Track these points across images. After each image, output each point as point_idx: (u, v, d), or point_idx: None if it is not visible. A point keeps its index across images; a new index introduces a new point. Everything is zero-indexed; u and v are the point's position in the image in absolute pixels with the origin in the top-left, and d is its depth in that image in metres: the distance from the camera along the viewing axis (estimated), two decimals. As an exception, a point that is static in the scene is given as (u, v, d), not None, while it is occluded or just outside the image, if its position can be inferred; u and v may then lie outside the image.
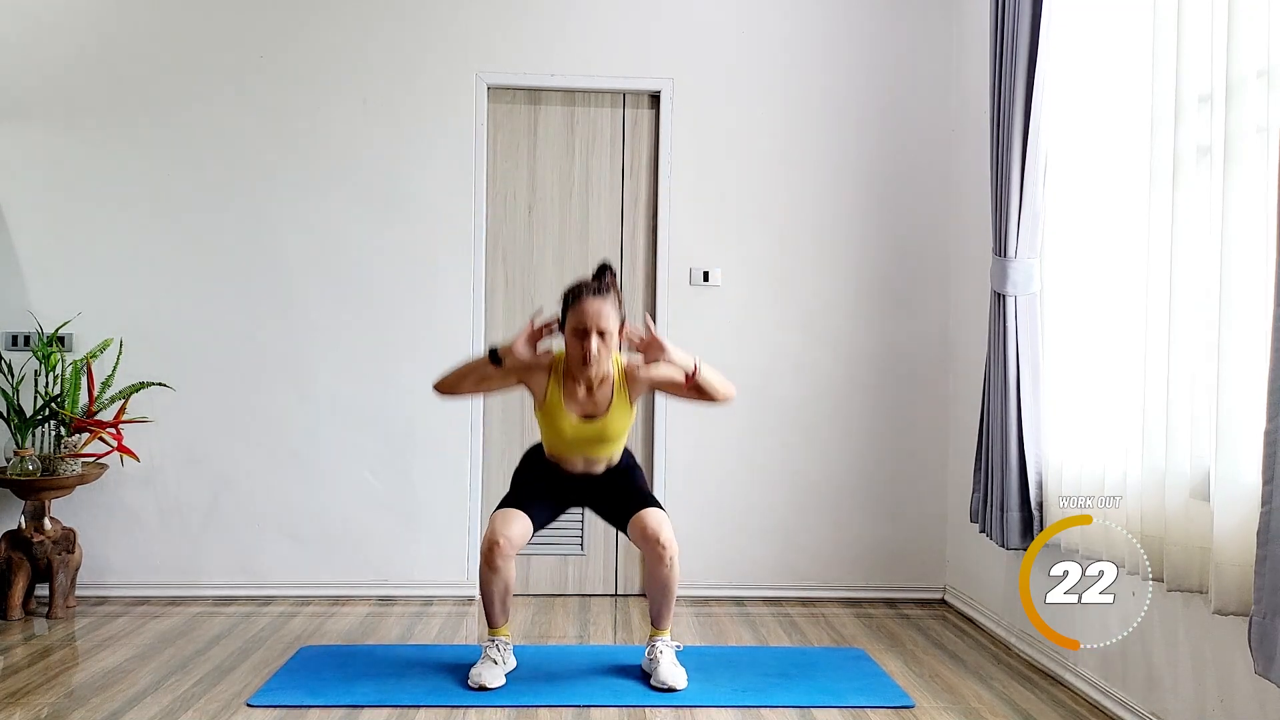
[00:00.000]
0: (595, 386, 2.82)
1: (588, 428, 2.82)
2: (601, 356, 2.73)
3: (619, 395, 2.83)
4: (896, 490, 3.91)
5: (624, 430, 2.88)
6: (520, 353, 2.77)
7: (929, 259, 3.92)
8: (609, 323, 2.71)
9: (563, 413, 2.81)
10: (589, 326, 2.70)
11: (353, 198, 3.79)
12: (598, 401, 2.82)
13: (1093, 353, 2.76)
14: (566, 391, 2.82)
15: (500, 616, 2.86)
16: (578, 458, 2.89)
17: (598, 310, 2.70)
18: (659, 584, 2.84)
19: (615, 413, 2.83)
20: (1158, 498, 2.36)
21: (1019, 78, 2.95)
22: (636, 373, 2.83)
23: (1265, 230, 2.02)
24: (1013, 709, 2.69)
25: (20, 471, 3.41)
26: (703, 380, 2.81)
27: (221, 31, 3.77)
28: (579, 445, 2.85)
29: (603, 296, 2.72)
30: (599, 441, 2.85)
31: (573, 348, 2.75)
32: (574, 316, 2.73)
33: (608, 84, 3.85)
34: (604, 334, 2.71)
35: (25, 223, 3.72)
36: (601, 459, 2.91)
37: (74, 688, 2.74)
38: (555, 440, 2.87)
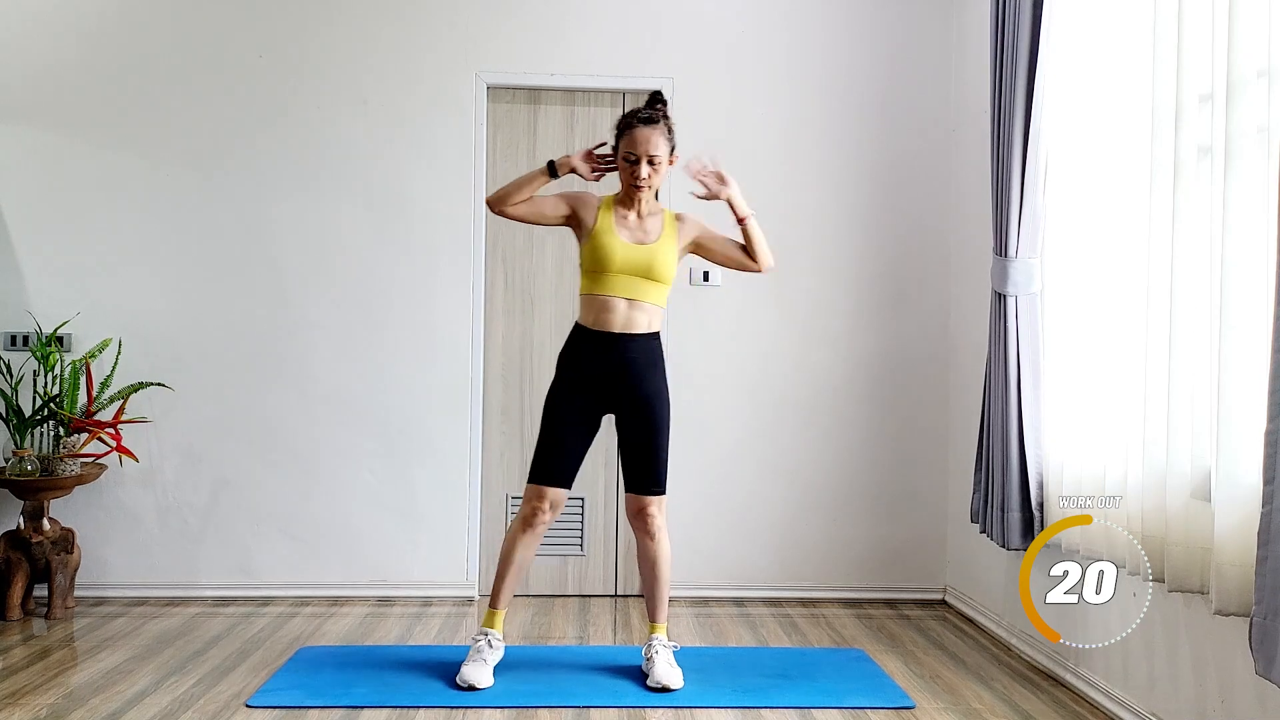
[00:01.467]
0: (645, 214, 2.88)
1: (637, 251, 2.83)
2: (653, 181, 2.81)
3: (668, 231, 2.89)
4: (896, 490, 3.91)
5: (669, 269, 2.86)
6: (577, 164, 2.86)
7: (929, 259, 3.92)
8: (659, 149, 2.80)
9: (613, 234, 2.83)
10: (639, 153, 2.79)
11: (352, 198, 3.78)
12: (647, 230, 2.87)
13: (1093, 353, 2.75)
14: (617, 218, 2.87)
15: (506, 595, 2.88)
16: (622, 300, 2.83)
17: (647, 137, 2.78)
18: (649, 562, 2.89)
19: (664, 245, 2.86)
20: (1158, 498, 2.36)
21: (1019, 78, 2.95)
22: (685, 220, 2.92)
23: (1266, 230, 2.01)
24: (1013, 709, 2.68)
25: (19, 472, 3.41)
26: (752, 230, 2.91)
27: (221, 32, 3.77)
28: (626, 273, 2.82)
29: (653, 125, 2.80)
30: (646, 272, 2.83)
31: (624, 173, 2.83)
32: (626, 143, 2.81)
33: (608, 83, 3.85)
34: (654, 159, 2.80)
35: (25, 223, 3.71)
36: (644, 306, 2.85)
37: (73, 688, 2.74)
38: (603, 271, 2.82)
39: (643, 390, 2.86)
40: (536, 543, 2.88)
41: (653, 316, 2.88)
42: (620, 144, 2.84)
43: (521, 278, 3.88)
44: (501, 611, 2.89)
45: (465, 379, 3.81)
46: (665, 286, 2.88)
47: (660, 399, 2.89)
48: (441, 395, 3.78)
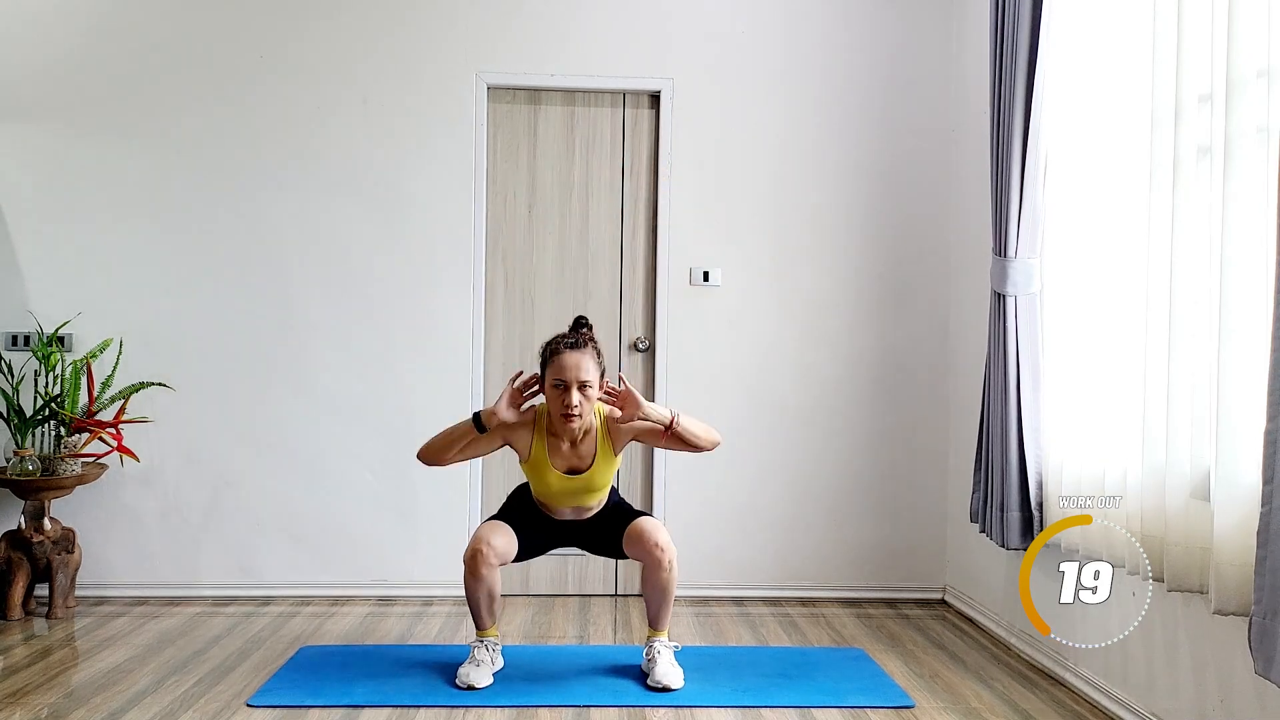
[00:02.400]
0: (579, 440, 2.83)
1: (573, 482, 2.84)
2: (583, 410, 2.73)
3: (603, 447, 2.84)
4: (896, 490, 3.91)
5: (609, 481, 2.91)
6: (504, 416, 2.77)
7: (929, 259, 3.92)
8: (588, 375, 2.72)
9: (548, 468, 2.83)
10: (569, 380, 2.71)
11: (353, 197, 3.79)
12: (582, 455, 2.84)
13: (1093, 353, 2.75)
14: (551, 447, 2.83)
15: (487, 620, 2.88)
16: (566, 508, 2.92)
17: (576, 363, 2.71)
18: (658, 588, 2.85)
19: (600, 465, 2.84)
20: (1158, 498, 2.36)
21: (1019, 77, 2.95)
22: (619, 425, 2.84)
23: (1265, 230, 2.02)
24: (1013, 709, 2.68)
25: (20, 471, 3.41)
26: (683, 431, 2.82)
27: (221, 32, 3.77)
28: (566, 498, 2.88)
29: (581, 349, 2.74)
30: (585, 493, 2.88)
31: (553, 402, 2.75)
32: (553, 370, 2.74)
33: (608, 84, 3.85)
34: (584, 386, 2.72)
35: (25, 223, 3.72)
36: (590, 507, 2.93)
37: (74, 688, 2.74)
38: (543, 492, 2.90)
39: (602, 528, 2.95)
40: (489, 580, 2.81)
41: (601, 501, 2.94)
42: (547, 372, 2.76)
43: (521, 278, 3.88)
44: (491, 628, 2.91)
45: (465, 379, 3.81)
46: (607, 489, 2.92)
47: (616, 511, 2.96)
48: (442, 395, 3.78)
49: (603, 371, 2.80)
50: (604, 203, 3.89)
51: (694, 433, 2.83)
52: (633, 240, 3.90)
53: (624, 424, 2.82)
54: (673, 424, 2.80)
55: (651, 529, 2.83)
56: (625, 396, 2.79)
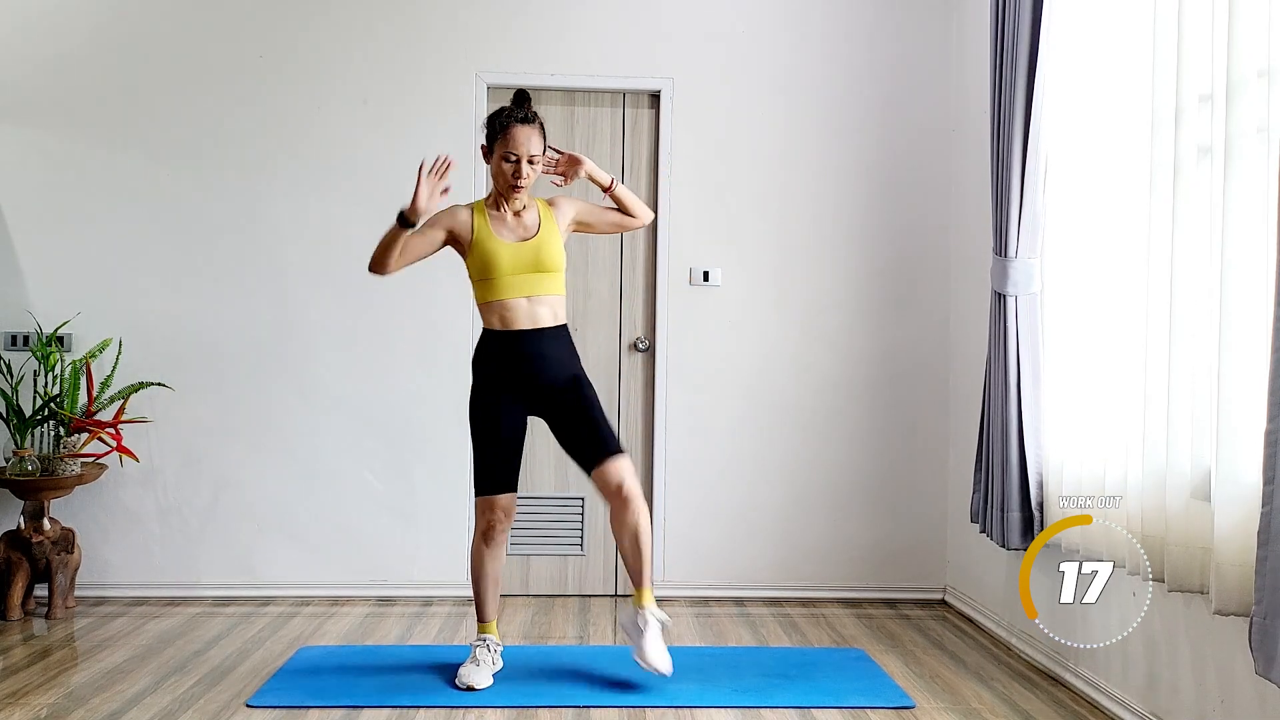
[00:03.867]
0: (522, 209, 2.87)
1: (522, 249, 2.81)
2: (531, 178, 2.80)
3: (546, 219, 2.87)
4: (896, 490, 3.91)
5: (559, 258, 2.85)
6: (423, 205, 2.74)
7: (929, 259, 3.92)
8: (537, 148, 2.80)
9: (494, 239, 2.81)
10: (520, 153, 2.77)
11: (353, 197, 3.78)
12: (527, 225, 2.86)
13: (1093, 353, 2.75)
14: (494, 222, 2.85)
15: (492, 608, 2.88)
16: (520, 300, 2.81)
17: (528, 136, 2.78)
18: (629, 529, 2.79)
19: (546, 234, 2.84)
20: (1158, 498, 2.36)
21: (1019, 78, 2.95)
22: (558, 201, 2.93)
23: (1265, 230, 2.02)
24: (1013, 709, 2.68)
25: (19, 472, 3.41)
26: (621, 194, 2.95)
27: (221, 31, 3.77)
28: (519, 275, 2.80)
29: (530, 124, 2.80)
30: (536, 267, 2.81)
31: (502, 175, 2.81)
32: (503, 143, 2.79)
33: (608, 84, 3.85)
34: (534, 159, 2.80)
35: (25, 223, 3.72)
36: (545, 299, 2.83)
37: (73, 688, 2.74)
38: (494, 277, 2.80)
39: (564, 378, 2.85)
40: (501, 551, 2.88)
41: (556, 308, 2.87)
42: (495, 145, 2.80)
43: (522, 278, 3.87)
44: (492, 621, 2.90)
45: (465, 379, 3.79)
46: (559, 275, 2.88)
47: (583, 380, 2.90)
48: (442, 395, 3.78)
49: (545, 148, 2.86)
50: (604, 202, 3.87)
51: (631, 199, 2.97)
52: (633, 240, 3.89)
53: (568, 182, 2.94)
54: (612, 185, 2.94)
55: (617, 471, 2.78)
56: (568, 159, 2.92)
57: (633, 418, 3.88)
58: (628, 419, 3.88)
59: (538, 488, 3.86)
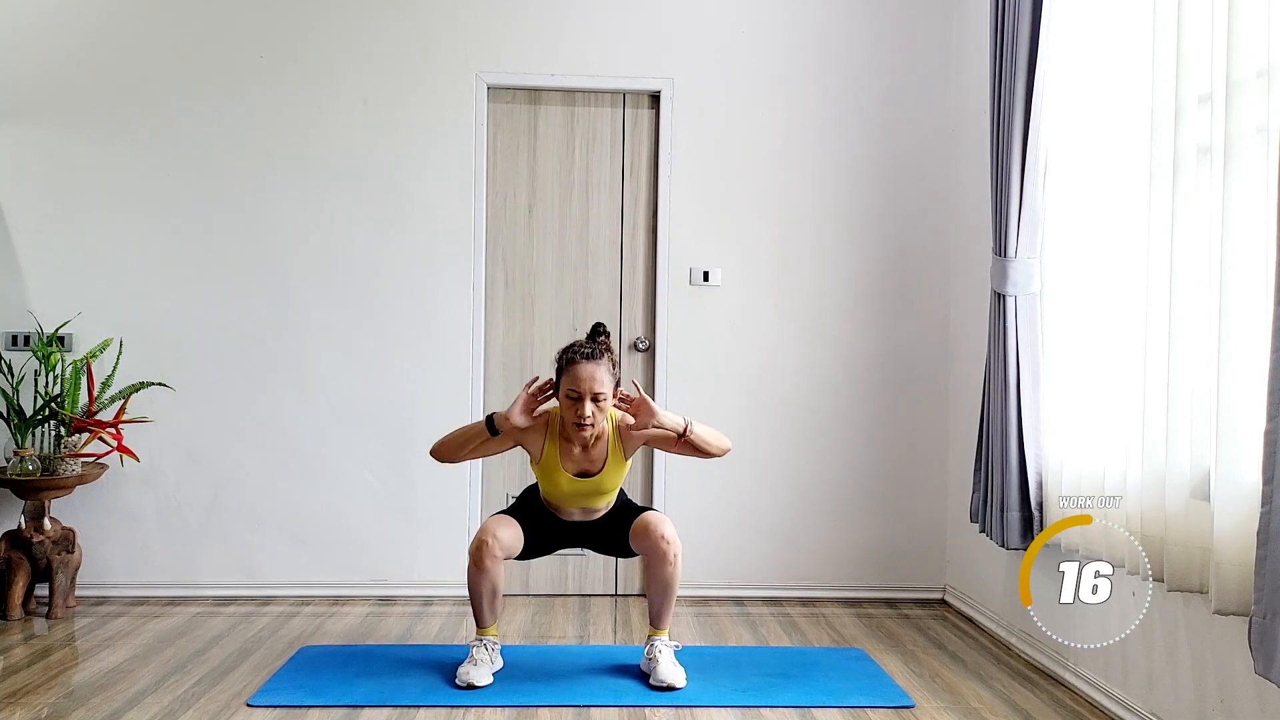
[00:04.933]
0: (591, 444, 2.85)
1: (584, 484, 2.85)
2: (596, 420, 2.76)
3: (614, 452, 2.86)
4: (896, 490, 3.91)
5: (619, 484, 2.93)
6: (518, 421, 2.80)
7: (929, 259, 3.92)
8: (603, 386, 2.74)
9: (559, 470, 2.84)
10: (583, 391, 2.72)
11: (353, 197, 3.79)
12: (593, 459, 2.86)
13: (1093, 353, 2.75)
14: (563, 451, 2.85)
15: (489, 617, 2.88)
16: (575, 509, 2.94)
17: (591, 374, 2.73)
18: (661, 583, 2.85)
19: (610, 469, 2.86)
20: (1158, 498, 2.36)
21: (1019, 78, 2.95)
22: (630, 430, 2.85)
23: (1265, 230, 2.02)
24: (1013, 709, 2.68)
25: (20, 471, 3.41)
26: (696, 439, 2.85)
27: (222, 32, 3.77)
28: (575, 499, 2.90)
29: (596, 360, 2.75)
30: (595, 495, 2.89)
31: (567, 411, 2.77)
32: (568, 380, 2.76)
33: (608, 84, 3.85)
34: (598, 397, 2.74)
35: (25, 223, 3.72)
36: (598, 509, 2.95)
37: (74, 688, 2.74)
38: (552, 493, 2.91)
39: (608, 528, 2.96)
40: (494, 572, 2.81)
41: (610, 503, 2.95)
42: (561, 381, 2.78)
43: (521, 278, 3.88)
44: (491, 626, 2.91)
45: (465, 378, 3.81)
46: (618, 490, 2.94)
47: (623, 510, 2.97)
48: (442, 395, 3.79)
49: (617, 381, 2.83)
50: (604, 203, 3.89)
51: (706, 440, 2.86)
52: (633, 240, 3.90)
53: (637, 431, 2.84)
54: (686, 432, 2.82)
55: (657, 522, 2.85)
56: (639, 404, 2.82)
57: (633, 418, 3.88)
58: (628, 419, 3.88)
59: (538, 488, 3.86)
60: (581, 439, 2.81)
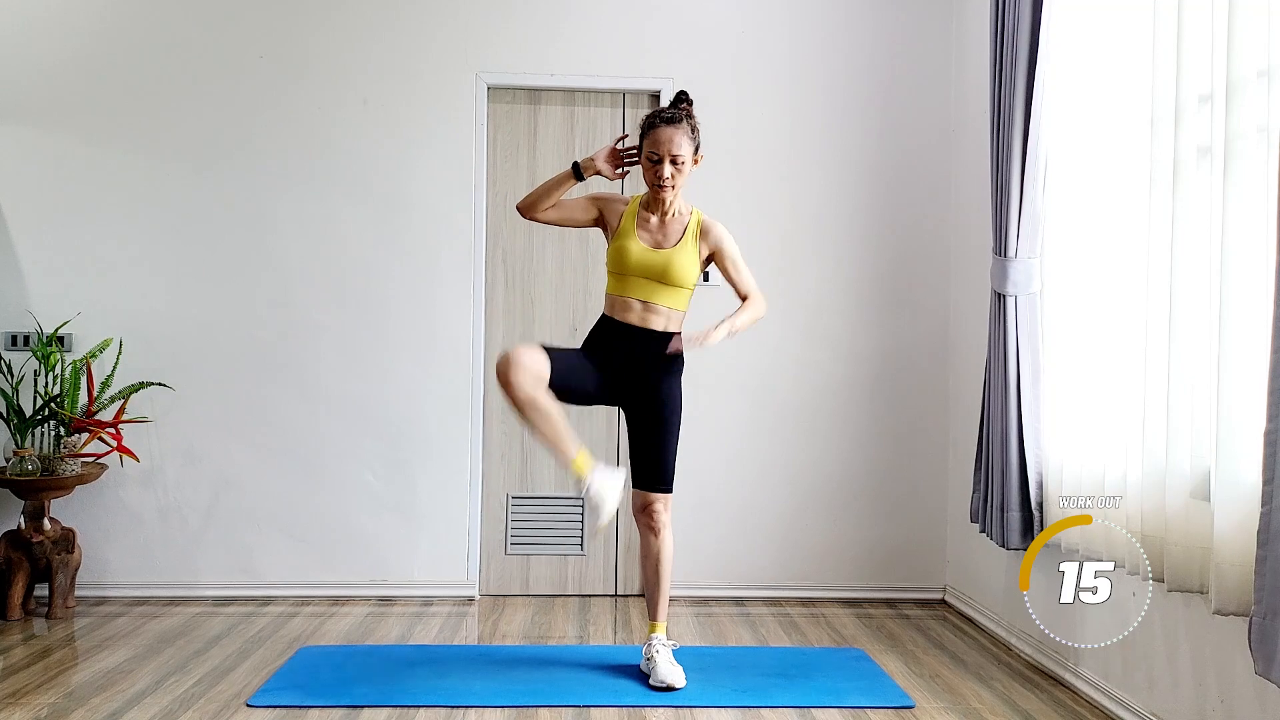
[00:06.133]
0: (669, 216, 2.87)
1: (654, 256, 2.82)
2: (675, 181, 2.79)
3: (689, 237, 2.86)
4: (896, 490, 3.91)
5: (686, 275, 2.83)
6: (600, 167, 2.87)
7: (929, 259, 3.92)
8: (682, 149, 2.78)
9: (633, 236, 2.84)
10: (662, 152, 2.77)
11: (353, 198, 3.79)
12: (668, 233, 2.86)
13: (1093, 353, 2.75)
14: (640, 220, 2.87)
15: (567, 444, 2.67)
16: (637, 301, 2.83)
17: (670, 136, 2.76)
18: (651, 560, 2.89)
19: (682, 251, 2.84)
20: (1158, 498, 2.36)
21: (1019, 78, 2.95)
22: (710, 231, 2.88)
23: (1265, 230, 2.02)
24: (1013, 709, 2.68)
25: (20, 471, 3.41)
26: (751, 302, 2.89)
27: (222, 32, 3.77)
28: (641, 278, 2.81)
29: (676, 125, 2.78)
30: (662, 276, 2.81)
31: (647, 173, 2.82)
32: (649, 142, 2.80)
33: (607, 84, 3.85)
34: (676, 159, 2.77)
35: (25, 223, 3.72)
36: (660, 308, 2.83)
37: (74, 688, 2.74)
38: (620, 272, 2.84)
39: (656, 390, 2.86)
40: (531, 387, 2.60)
41: (669, 319, 2.87)
42: (643, 143, 2.82)
43: (521, 278, 3.88)
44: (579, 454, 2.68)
45: (466, 379, 3.81)
46: (684, 291, 2.88)
47: (672, 401, 2.89)
48: (442, 395, 3.79)
49: (697, 147, 2.84)
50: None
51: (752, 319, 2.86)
52: (633, 240, 3.89)
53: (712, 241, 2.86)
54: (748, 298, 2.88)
55: (654, 497, 2.87)
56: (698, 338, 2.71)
57: (633, 418, 3.88)
58: (628, 419, 3.88)
59: (538, 487, 3.86)
60: (661, 202, 2.83)
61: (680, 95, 2.89)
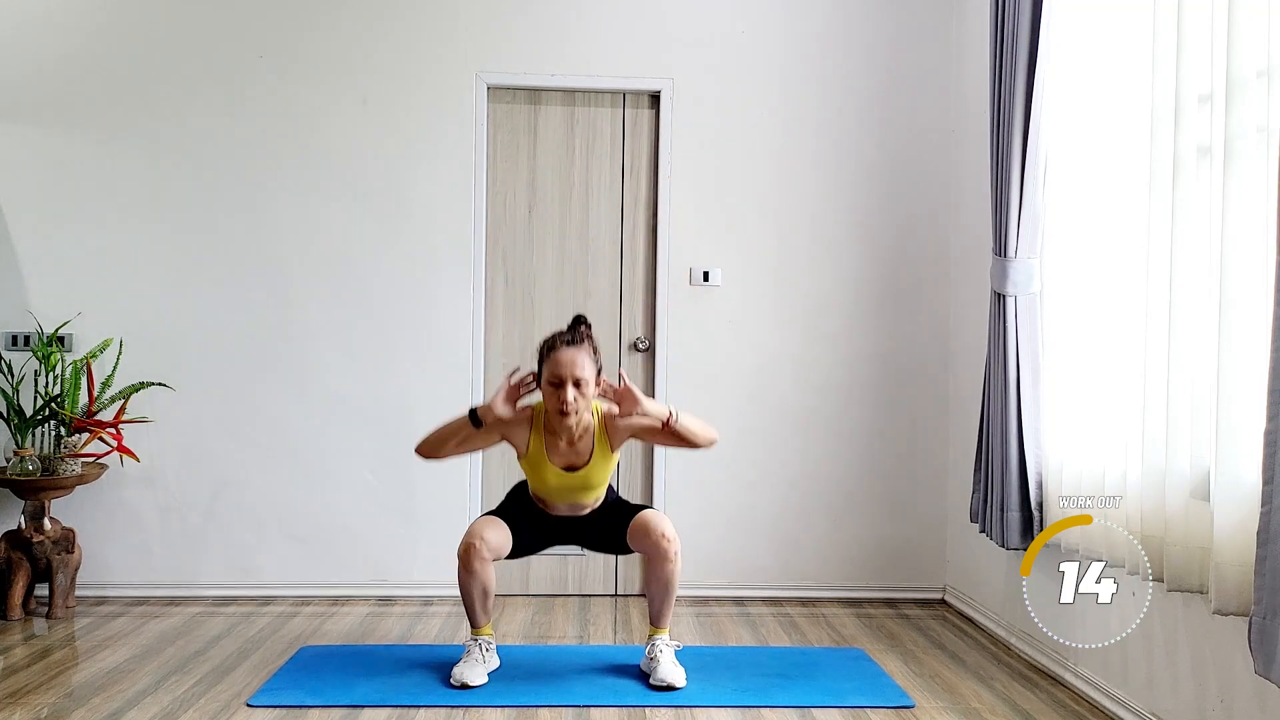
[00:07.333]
0: (576, 438, 2.83)
1: (571, 478, 2.85)
2: (579, 406, 2.74)
3: (600, 445, 2.84)
4: (896, 490, 3.91)
5: (606, 479, 2.92)
6: (500, 412, 2.77)
7: (929, 259, 3.92)
8: (584, 372, 2.72)
9: (546, 464, 2.84)
10: (564, 376, 2.71)
11: (353, 198, 3.79)
12: (579, 452, 2.84)
13: (1093, 353, 2.75)
14: (548, 444, 2.84)
15: (481, 617, 2.88)
16: (562, 504, 2.93)
17: (572, 360, 2.71)
18: (661, 582, 2.85)
19: (597, 462, 2.85)
20: (1158, 498, 2.36)
21: (1019, 78, 2.95)
22: (616, 422, 2.84)
23: (1265, 230, 2.02)
24: (1013, 709, 2.68)
25: (20, 471, 3.41)
26: (681, 429, 2.82)
27: (221, 32, 3.77)
28: (563, 494, 2.89)
29: (577, 346, 2.74)
30: (582, 490, 2.88)
31: (550, 399, 2.75)
32: (549, 368, 2.74)
33: (608, 84, 3.85)
34: (579, 383, 2.72)
35: (25, 223, 3.72)
36: (586, 504, 2.94)
37: (74, 688, 2.74)
38: (540, 488, 2.91)
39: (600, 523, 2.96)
40: (483, 574, 2.81)
41: (599, 498, 2.95)
42: (543, 368, 2.76)
43: (521, 278, 3.88)
44: (486, 625, 2.91)
45: (465, 379, 3.81)
46: (606, 485, 2.94)
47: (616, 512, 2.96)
48: (442, 395, 3.78)
49: (599, 369, 2.80)
50: (604, 203, 3.89)
51: (692, 430, 2.84)
52: (633, 240, 3.90)
53: (622, 420, 2.82)
54: (669, 421, 2.80)
55: (658, 520, 2.85)
56: (623, 393, 2.80)
57: (633, 418, 3.88)
58: (628, 419, 3.88)
59: (538, 488, 3.86)
60: (565, 429, 2.79)
61: (578, 318, 2.84)
